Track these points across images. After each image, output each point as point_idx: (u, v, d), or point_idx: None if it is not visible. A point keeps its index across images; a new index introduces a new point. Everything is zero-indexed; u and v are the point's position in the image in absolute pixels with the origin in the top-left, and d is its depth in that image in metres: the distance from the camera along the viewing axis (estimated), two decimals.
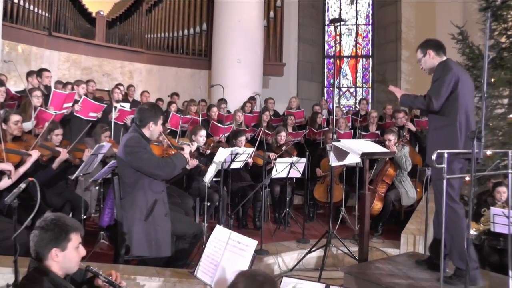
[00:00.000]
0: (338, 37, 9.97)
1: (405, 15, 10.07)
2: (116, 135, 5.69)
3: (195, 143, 4.31)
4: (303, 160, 5.00)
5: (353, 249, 4.18)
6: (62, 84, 6.34)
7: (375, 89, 10.92)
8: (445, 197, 2.67)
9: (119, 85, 6.66)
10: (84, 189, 4.82)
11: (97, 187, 4.83)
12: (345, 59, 11.18)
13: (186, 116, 6.35)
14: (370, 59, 11.05)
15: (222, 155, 4.18)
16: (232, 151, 4.47)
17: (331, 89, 10.91)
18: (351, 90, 11.20)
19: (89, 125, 4.77)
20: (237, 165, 4.70)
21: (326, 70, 11.31)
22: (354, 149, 3.49)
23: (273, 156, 5.65)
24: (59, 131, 4.30)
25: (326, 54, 11.30)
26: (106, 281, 2.09)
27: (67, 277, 2.01)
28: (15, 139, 3.82)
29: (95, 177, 4.27)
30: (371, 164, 4.89)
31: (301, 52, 10.88)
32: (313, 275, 3.91)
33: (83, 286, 2.16)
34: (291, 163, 4.85)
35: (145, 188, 3.16)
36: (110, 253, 3.87)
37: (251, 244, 2.44)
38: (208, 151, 4.86)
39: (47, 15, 7.95)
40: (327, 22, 11.23)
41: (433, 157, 2.58)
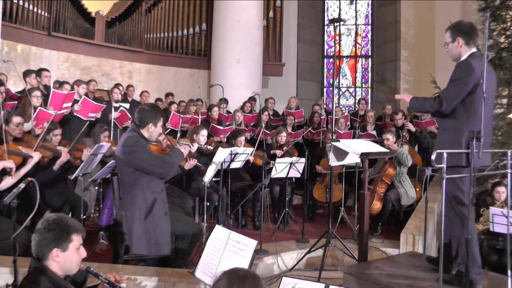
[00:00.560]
0: (337, 37, 9.96)
1: (404, 15, 10.07)
2: (115, 135, 5.69)
3: (195, 144, 4.30)
4: (303, 160, 5.00)
5: (352, 249, 4.18)
6: (58, 84, 6.31)
7: (374, 89, 10.92)
8: (444, 197, 2.67)
9: (118, 85, 6.64)
10: (84, 189, 4.84)
11: (96, 187, 4.83)
12: (344, 59, 11.18)
13: (186, 116, 6.35)
14: (370, 59, 11.05)
15: (222, 155, 4.18)
16: (231, 151, 4.47)
17: (331, 89, 10.92)
18: (351, 90, 11.21)
19: (87, 124, 4.77)
20: (236, 165, 4.71)
21: (325, 70, 11.31)
22: (354, 149, 3.49)
23: (279, 153, 5.65)
24: (58, 131, 4.31)
25: (325, 54, 11.30)
26: (107, 282, 2.09)
27: (67, 278, 2.01)
28: (16, 140, 3.82)
29: (94, 177, 4.27)
30: (370, 164, 4.90)
31: (301, 52, 10.88)
32: (312, 275, 3.91)
33: (83, 287, 2.16)
34: (291, 163, 4.85)
35: (144, 187, 3.17)
36: (110, 253, 3.87)
37: (250, 244, 2.44)
38: (211, 147, 4.82)
39: (46, 15, 7.94)
40: (326, 22, 11.24)
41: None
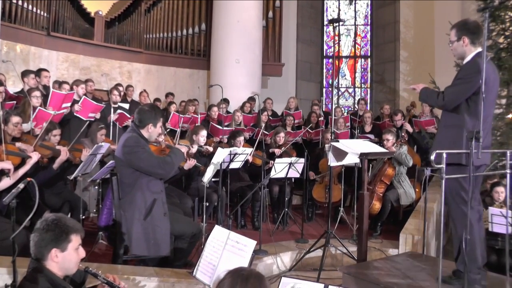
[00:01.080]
0: (336, 37, 9.97)
1: (403, 15, 10.09)
2: (115, 134, 5.69)
3: (195, 145, 4.30)
4: (302, 160, 5.00)
5: (351, 249, 4.18)
6: (58, 84, 6.30)
7: (373, 89, 10.93)
8: (443, 197, 2.67)
9: (118, 86, 6.63)
10: (83, 189, 4.83)
11: (96, 187, 4.83)
12: (343, 59, 11.19)
13: (185, 116, 6.35)
14: (369, 59, 11.05)
15: (221, 155, 4.18)
16: (230, 151, 4.47)
17: (330, 89, 10.93)
18: (350, 90, 11.21)
19: (86, 124, 4.77)
20: (236, 165, 4.71)
21: (324, 70, 11.32)
22: (353, 149, 3.49)
23: (278, 152, 5.65)
24: (57, 131, 4.30)
25: (324, 54, 11.31)
26: (105, 282, 2.09)
27: (66, 278, 2.01)
28: (15, 139, 3.82)
29: (93, 177, 4.27)
30: (369, 164, 4.90)
31: (300, 52, 10.89)
32: (312, 275, 3.91)
33: (82, 287, 2.16)
34: (290, 163, 4.85)
35: (143, 188, 3.17)
36: (109, 253, 3.87)
37: (249, 244, 2.44)
38: (211, 148, 4.82)
39: (45, 15, 7.94)
40: (325, 22, 11.25)
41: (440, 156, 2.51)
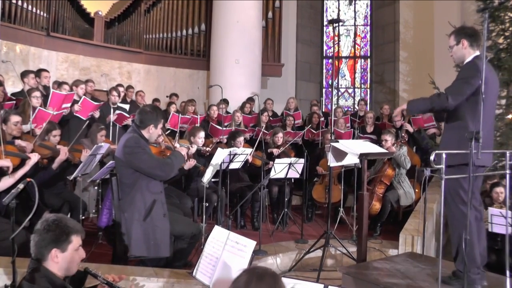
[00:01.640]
0: (336, 38, 9.97)
1: (403, 15, 10.09)
2: (114, 134, 5.69)
3: (194, 146, 4.30)
4: (302, 160, 5.00)
5: (351, 250, 4.18)
6: (57, 84, 6.29)
7: (373, 89, 10.94)
8: (443, 197, 2.67)
9: (118, 86, 6.62)
10: (83, 189, 4.83)
11: (96, 187, 4.82)
12: (343, 59, 11.19)
13: (185, 116, 6.34)
14: (369, 59, 11.06)
15: (220, 156, 4.18)
16: (230, 151, 4.47)
17: (330, 89, 10.93)
18: (350, 90, 11.22)
19: (86, 124, 4.77)
20: (235, 165, 4.70)
21: (324, 71, 11.32)
22: (353, 150, 3.49)
23: (276, 151, 5.65)
24: (57, 131, 4.29)
25: (324, 55, 11.31)
26: (105, 282, 2.09)
27: (66, 279, 2.01)
28: (15, 139, 3.81)
29: (93, 177, 4.27)
30: (369, 164, 4.90)
31: (300, 52, 10.89)
32: (311, 275, 3.91)
33: (82, 287, 2.16)
34: (290, 164, 4.85)
35: (143, 188, 3.16)
36: (109, 253, 3.87)
37: (249, 245, 2.44)
38: (209, 148, 4.82)
39: (45, 15, 7.92)
40: (325, 23, 11.25)
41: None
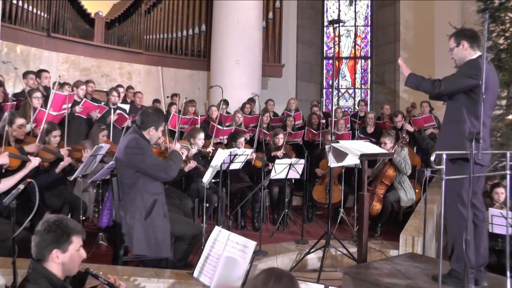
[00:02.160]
0: (337, 38, 9.98)
1: (403, 16, 10.10)
2: (114, 135, 5.68)
3: (195, 147, 4.30)
4: (302, 161, 5.00)
5: (351, 250, 4.17)
6: (59, 85, 6.29)
7: (373, 90, 10.94)
8: (444, 198, 2.67)
9: (119, 87, 6.61)
10: (83, 190, 4.82)
11: (96, 188, 4.82)
12: (343, 60, 11.19)
13: (185, 116, 6.34)
14: (369, 60, 11.06)
15: (221, 157, 4.18)
16: (231, 152, 4.47)
17: (330, 90, 10.93)
18: (350, 91, 11.22)
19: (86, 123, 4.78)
20: (236, 166, 4.70)
21: (325, 71, 11.32)
22: (353, 150, 3.49)
23: (280, 154, 5.65)
24: (57, 132, 4.29)
25: (325, 55, 11.31)
26: (106, 283, 2.09)
27: (67, 279, 2.01)
28: (18, 141, 3.81)
29: (93, 178, 4.27)
30: (369, 165, 4.89)
31: (300, 53, 10.89)
32: (312, 276, 3.91)
33: None
34: (290, 164, 4.85)
35: (143, 189, 3.16)
36: (109, 254, 3.86)
37: (250, 245, 2.44)
38: (209, 149, 4.81)
39: (45, 16, 7.93)
40: (326, 23, 11.26)
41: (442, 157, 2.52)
